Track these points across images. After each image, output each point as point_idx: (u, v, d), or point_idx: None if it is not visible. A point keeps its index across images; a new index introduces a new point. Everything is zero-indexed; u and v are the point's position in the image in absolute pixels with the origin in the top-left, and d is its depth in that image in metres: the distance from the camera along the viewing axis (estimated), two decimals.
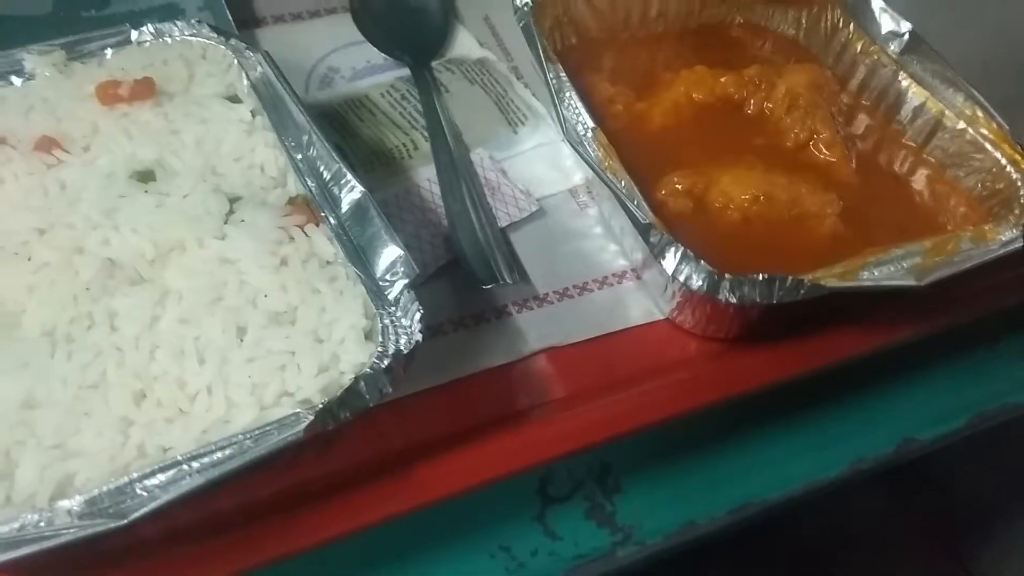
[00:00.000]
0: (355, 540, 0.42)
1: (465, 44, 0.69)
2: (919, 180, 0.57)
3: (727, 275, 0.43)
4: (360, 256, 0.44)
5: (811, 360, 0.49)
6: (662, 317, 0.53)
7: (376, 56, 0.66)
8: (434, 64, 0.65)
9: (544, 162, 0.62)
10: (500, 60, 0.68)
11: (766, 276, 0.43)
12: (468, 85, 0.64)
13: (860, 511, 0.57)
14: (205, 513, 0.41)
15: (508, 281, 0.52)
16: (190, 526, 0.40)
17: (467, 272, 0.52)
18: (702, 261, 0.44)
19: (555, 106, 0.53)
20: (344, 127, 0.60)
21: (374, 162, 0.58)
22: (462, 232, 0.54)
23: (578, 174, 0.61)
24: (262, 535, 0.41)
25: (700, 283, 0.44)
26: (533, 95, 0.66)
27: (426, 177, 0.58)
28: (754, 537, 0.48)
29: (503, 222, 0.57)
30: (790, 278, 0.43)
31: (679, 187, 0.52)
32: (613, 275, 0.55)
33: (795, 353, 0.49)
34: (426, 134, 0.60)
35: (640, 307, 0.53)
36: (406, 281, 0.43)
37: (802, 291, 0.44)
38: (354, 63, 0.66)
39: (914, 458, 0.49)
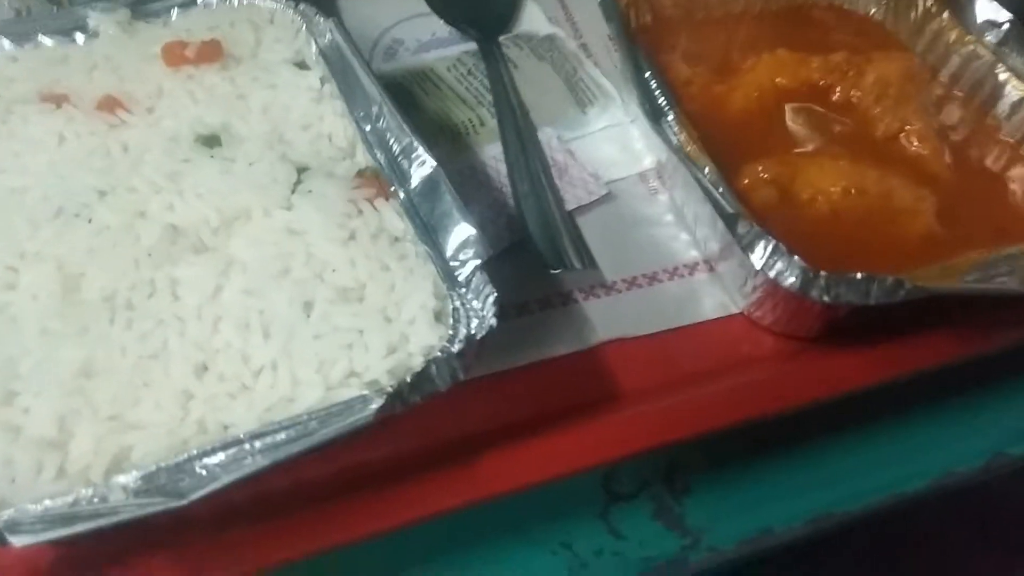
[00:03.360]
0: (407, 532, 0.40)
1: (534, 19, 0.66)
2: (1016, 178, 0.53)
3: (823, 273, 0.41)
4: (429, 233, 0.42)
5: (899, 365, 0.46)
6: (737, 311, 0.50)
7: (442, 29, 0.64)
8: (502, 39, 0.63)
9: (613, 144, 0.59)
10: (569, 37, 0.65)
11: (864, 275, 0.40)
12: (536, 62, 0.62)
13: (923, 525, 0.55)
14: (256, 492, 0.39)
15: (577, 266, 0.50)
16: (240, 505, 0.38)
17: (534, 255, 0.50)
18: (796, 256, 0.41)
19: (635, 86, 0.50)
20: (409, 100, 0.58)
21: (439, 137, 0.56)
22: (529, 213, 0.52)
23: (648, 158, 0.58)
24: (315, 521, 0.39)
25: (793, 280, 0.41)
26: (603, 74, 0.63)
27: (492, 155, 0.56)
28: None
29: (571, 205, 0.54)
30: (890, 278, 0.41)
31: (764, 176, 0.49)
32: (684, 265, 0.53)
33: (882, 357, 0.46)
34: (493, 110, 0.57)
35: (713, 300, 0.51)
36: (478, 262, 0.41)
37: (902, 293, 0.41)
38: (419, 35, 0.63)
39: (1003, 474, 0.46)
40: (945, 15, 0.59)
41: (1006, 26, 0.57)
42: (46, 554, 0.35)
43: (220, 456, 0.33)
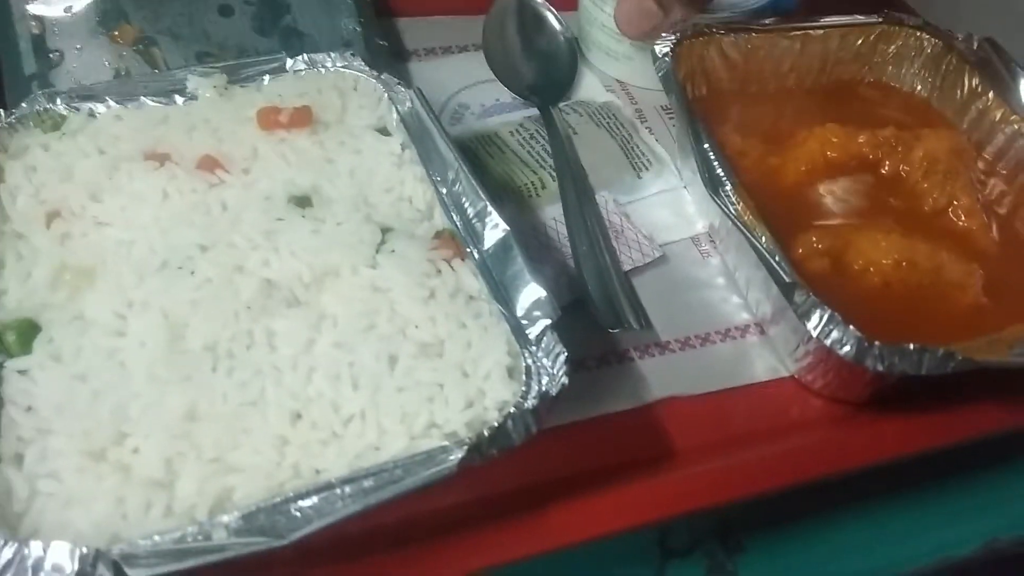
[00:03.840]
0: None
1: (591, 87, 0.70)
2: None
3: (877, 343, 0.43)
4: (501, 293, 0.45)
5: (946, 434, 0.48)
6: (787, 375, 0.52)
7: (505, 95, 0.67)
8: (561, 105, 0.66)
9: (666, 208, 0.62)
10: (625, 105, 0.69)
11: (917, 347, 0.43)
12: (595, 128, 0.65)
13: None
14: (334, 535, 0.41)
15: (634, 327, 0.52)
16: (319, 547, 0.40)
17: (593, 314, 0.52)
18: (852, 327, 0.43)
19: (694, 155, 0.53)
20: (474, 162, 0.61)
21: (503, 198, 0.59)
22: (588, 274, 0.54)
23: (700, 223, 0.61)
24: (387, 565, 0.41)
25: (848, 348, 0.43)
26: (656, 141, 0.66)
27: (552, 216, 0.59)
28: None
29: (626, 266, 0.57)
30: (941, 350, 0.43)
31: (818, 246, 0.51)
32: (736, 328, 0.55)
33: (929, 424, 0.48)
34: (553, 174, 0.60)
35: (764, 363, 0.53)
36: (548, 322, 0.43)
37: (952, 364, 0.43)
38: (483, 100, 0.67)
39: None
40: (991, 94, 0.61)
41: None
42: None
43: (313, 499, 0.36)
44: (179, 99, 0.53)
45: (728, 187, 0.51)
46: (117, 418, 0.38)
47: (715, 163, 0.52)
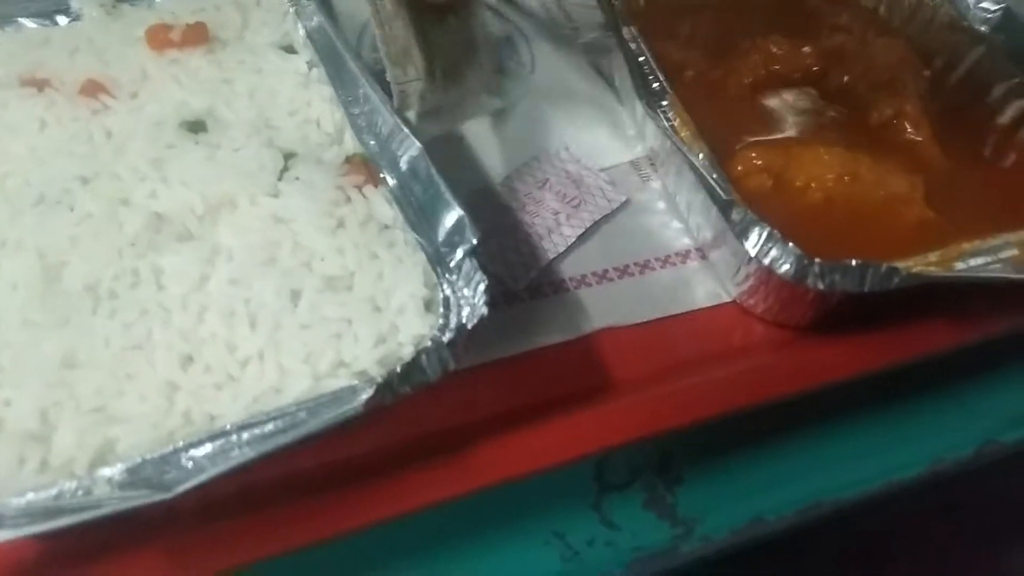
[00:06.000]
0: (401, 522, 0.40)
1: (527, 4, 0.65)
2: (1009, 164, 0.53)
3: (817, 260, 0.40)
4: (422, 218, 0.42)
5: (890, 354, 0.46)
6: (729, 300, 0.50)
7: None
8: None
9: (606, 132, 0.59)
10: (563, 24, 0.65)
11: (859, 263, 0.40)
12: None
13: (908, 517, 0.55)
14: (244, 485, 0.38)
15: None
16: (227, 498, 0.38)
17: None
18: (791, 244, 0.41)
19: (629, 70, 0.50)
20: None
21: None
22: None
23: (640, 145, 0.58)
24: (304, 514, 0.39)
25: (787, 267, 0.41)
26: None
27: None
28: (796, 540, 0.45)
29: (594, 216, 0.53)
30: (884, 266, 0.40)
31: (758, 163, 0.49)
32: (676, 254, 0.52)
33: (873, 346, 0.46)
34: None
35: (705, 288, 0.50)
36: (467, 246, 0.40)
37: (896, 280, 0.40)
38: None
39: (996, 460, 0.46)
40: (939, 1, 0.58)
41: (999, 13, 0.56)
42: (28, 548, 0.34)
43: (207, 448, 0.33)
44: (62, 20, 0.48)
45: (665, 102, 0.48)
46: None
47: (651, 77, 0.49)
